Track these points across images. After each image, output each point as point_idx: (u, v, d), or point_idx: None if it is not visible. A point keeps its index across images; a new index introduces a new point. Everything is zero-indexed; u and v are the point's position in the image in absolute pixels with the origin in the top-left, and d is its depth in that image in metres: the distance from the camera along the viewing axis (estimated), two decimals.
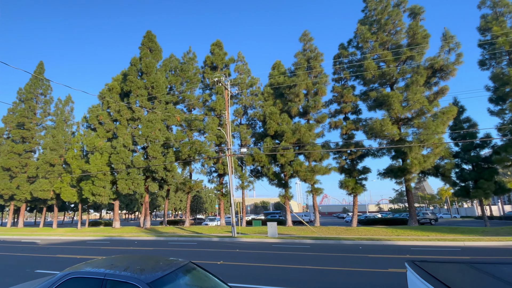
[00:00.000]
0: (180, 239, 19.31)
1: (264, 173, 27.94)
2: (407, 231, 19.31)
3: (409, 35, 21.99)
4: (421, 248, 13.01)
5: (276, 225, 19.24)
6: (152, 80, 30.27)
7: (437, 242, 14.78)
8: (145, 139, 28.95)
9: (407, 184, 22.03)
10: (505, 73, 19.84)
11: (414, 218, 22.27)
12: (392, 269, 8.30)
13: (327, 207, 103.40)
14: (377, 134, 21.67)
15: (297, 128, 24.56)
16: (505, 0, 20.74)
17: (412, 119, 21.65)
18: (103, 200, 29.78)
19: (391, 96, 21.02)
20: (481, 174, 21.31)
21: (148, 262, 3.45)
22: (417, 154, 20.74)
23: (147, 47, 31.90)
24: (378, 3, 23.36)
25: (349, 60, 24.81)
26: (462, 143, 22.63)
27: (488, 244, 14.26)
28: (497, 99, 20.66)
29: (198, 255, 11.91)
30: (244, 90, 29.85)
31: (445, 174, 21.83)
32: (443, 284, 1.87)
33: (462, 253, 11.51)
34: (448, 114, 20.09)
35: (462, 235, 17.30)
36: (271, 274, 8.08)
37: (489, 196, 21.41)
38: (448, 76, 21.06)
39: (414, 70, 21.22)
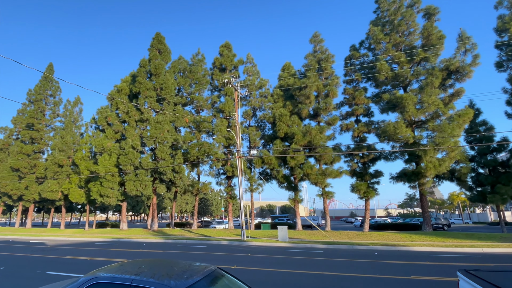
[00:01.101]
0: (189, 242, 19.18)
1: (273, 176, 27.74)
2: (422, 236, 18.92)
3: (424, 36, 21.69)
4: (440, 255, 12.63)
5: (287, 229, 19.10)
6: (161, 81, 30.43)
7: (455, 249, 14.38)
8: (154, 141, 29.02)
9: (421, 189, 21.60)
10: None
11: (429, 224, 21.78)
12: (415, 276, 7.98)
13: (334, 211, 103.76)
14: (390, 137, 21.33)
15: (308, 130, 24.35)
16: None
17: (427, 122, 21.27)
18: (111, 201, 29.88)
19: (405, 98, 20.69)
20: (498, 179, 20.79)
21: (175, 267, 3.29)
22: (432, 158, 20.34)
23: (156, 48, 32.11)
24: (391, 4, 23.14)
25: (361, 62, 24.57)
26: (478, 147, 22.16)
27: (509, 251, 13.77)
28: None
29: (210, 259, 11.74)
30: (253, 92, 29.78)
31: (461, 178, 21.35)
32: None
33: (483, 260, 11.15)
34: (464, 117, 19.70)
35: (480, 241, 16.92)
36: (287, 280, 7.88)
37: (506, 201, 20.82)
38: (464, 78, 20.68)
39: (428, 71, 20.89)
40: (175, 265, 3.41)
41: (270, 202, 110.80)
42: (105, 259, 11.54)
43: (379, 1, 24.12)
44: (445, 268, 9.28)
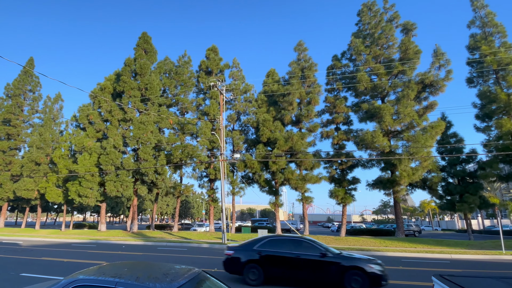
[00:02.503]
0: (169, 244, 19.14)
1: (255, 180, 28.17)
2: (395, 242, 19.69)
3: (401, 50, 22.89)
4: (412, 260, 13.30)
5: (267, 232, 19.52)
6: (146, 81, 30.38)
7: (426, 254, 15.16)
8: (137, 141, 28.88)
9: (395, 196, 22.63)
10: (492, 91, 20.82)
11: (402, 230, 22.84)
12: (389, 281, 8.37)
13: (312, 216, 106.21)
14: (367, 145, 22.27)
15: (290, 136, 25.00)
16: (494, 21, 21.87)
17: (402, 132, 22.38)
18: (90, 202, 29.42)
19: (383, 109, 21.71)
20: (466, 189, 22.13)
21: (157, 270, 3.22)
22: (406, 167, 21.37)
23: (142, 48, 32.05)
24: (372, 17, 24.30)
25: (342, 72, 25.56)
26: (449, 158, 23.50)
27: (475, 257, 14.70)
28: (483, 116, 21.62)
29: (190, 262, 11.84)
30: (238, 96, 30.24)
31: (432, 187, 22.57)
32: None
33: (452, 266, 11.87)
34: (437, 128, 20.87)
35: (448, 247, 17.77)
36: (268, 283, 8.05)
37: (473, 210, 22.18)
38: (437, 92, 21.95)
39: (405, 84, 22.03)
40: (157, 267, 3.36)
41: (251, 206, 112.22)
42: (83, 261, 11.47)
43: (361, 14, 25.28)
44: (417, 273, 9.84)
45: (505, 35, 21.30)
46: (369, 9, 24.80)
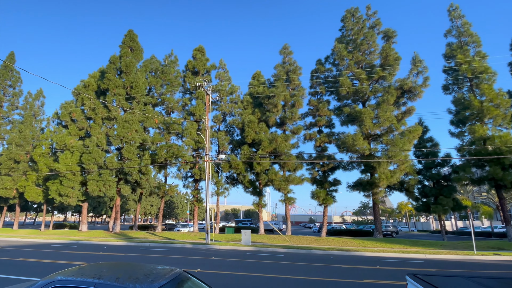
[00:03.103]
0: (152, 245, 19.29)
1: (240, 181, 28.73)
2: (373, 242, 20.60)
3: (382, 56, 23.96)
4: (389, 260, 13.93)
5: (250, 233, 19.86)
6: (132, 79, 30.43)
7: (402, 254, 15.96)
8: (121, 140, 28.93)
9: (374, 198, 23.66)
10: (466, 98, 22.09)
11: (380, 231, 23.90)
12: (367, 280, 8.78)
13: (295, 217, 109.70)
14: (348, 148, 23.21)
15: (274, 137, 25.72)
16: (470, 31, 23.20)
17: (382, 136, 23.43)
18: (71, 201, 29.29)
19: (363, 113, 22.67)
20: (441, 191, 23.37)
21: (139, 270, 3.20)
22: (385, 169, 22.40)
23: (128, 46, 32.10)
24: (355, 24, 25.32)
25: (326, 76, 26.49)
26: (425, 161, 24.75)
27: (448, 257, 15.48)
28: (457, 122, 22.89)
29: (174, 262, 11.91)
30: (224, 97, 30.73)
31: (409, 189, 23.73)
32: None
33: (426, 266, 12.49)
34: (414, 133, 21.98)
35: (423, 248, 18.66)
36: (249, 283, 8.25)
37: (447, 212, 23.43)
38: (415, 98, 23.12)
39: (385, 89, 23.08)
40: (139, 268, 3.34)
41: (235, 206, 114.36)
42: (63, 262, 11.37)
43: (344, 20, 26.28)
44: (394, 272, 10.25)
45: (480, 44, 22.66)
46: (352, 16, 25.84)
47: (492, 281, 2.71)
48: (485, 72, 21.67)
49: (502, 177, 20.47)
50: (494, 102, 21.21)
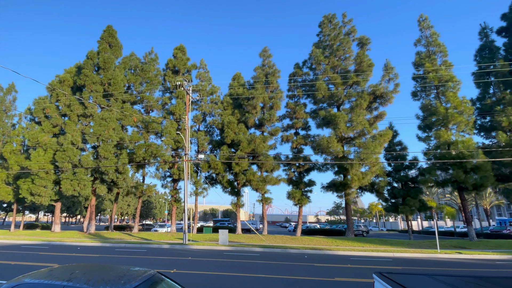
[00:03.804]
0: (128, 245, 19.35)
1: (218, 181, 29.60)
2: (345, 241, 21.84)
3: (357, 62, 25.63)
4: (359, 258, 14.74)
5: (227, 232, 20.48)
6: (110, 76, 30.65)
7: (372, 253, 16.90)
8: (97, 138, 29.06)
9: (347, 198, 25.28)
10: (433, 105, 24.05)
11: (351, 230, 25.57)
12: (338, 278, 9.32)
13: (271, 216, 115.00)
14: (323, 150, 24.69)
15: (253, 138, 26.88)
16: (438, 41, 25.23)
17: (355, 139, 25.07)
18: (43, 201, 29.21)
19: (338, 116, 24.20)
20: (408, 192, 25.27)
21: (111, 272, 3.19)
22: (357, 171, 23.98)
23: (106, 41, 32.26)
24: (332, 29, 26.91)
25: (303, 80, 27.93)
26: (394, 164, 26.63)
27: (414, 255, 16.46)
28: (424, 127, 24.84)
29: (150, 263, 12.07)
30: (204, 97, 31.55)
31: (379, 190, 25.52)
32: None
33: (394, 263, 13.19)
34: (385, 136, 23.71)
35: (392, 246, 19.88)
36: (225, 283, 8.51)
37: (414, 212, 25.39)
38: (386, 103, 24.93)
39: (358, 94, 24.72)
40: (111, 270, 3.32)
41: (213, 206, 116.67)
42: (33, 264, 11.25)
43: (322, 26, 27.82)
44: (363, 271, 10.80)
45: (446, 54, 24.72)
46: (329, 22, 27.39)
47: (452, 278, 2.90)
48: (450, 80, 23.71)
49: (464, 180, 22.47)
50: (458, 109, 23.25)
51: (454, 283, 2.75)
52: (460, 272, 11.51)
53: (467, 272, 11.60)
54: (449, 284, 2.70)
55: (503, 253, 16.86)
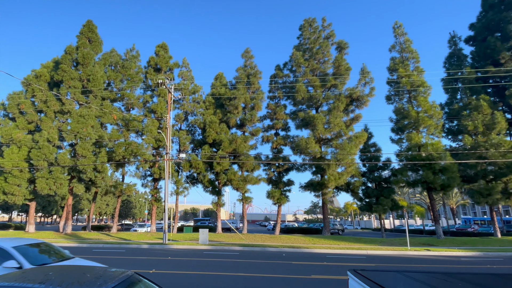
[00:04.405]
0: (106, 246, 19.43)
1: (199, 180, 30.43)
2: (322, 240, 23.02)
3: (335, 66, 27.21)
4: (335, 256, 15.47)
5: (208, 232, 21.03)
6: (89, 72, 30.71)
7: (347, 251, 17.83)
8: (75, 136, 29.08)
9: (323, 198, 26.79)
10: (405, 109, 25.94)
11: (328, 228, 27.14)
12: (315, 275, 9.72)
13: (251, 215, 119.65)
14: (302, 151, 26.07)
15: (234, 138, 27.93)
16: (411, 47, 27.17)
17: (332, 140, 26.64)
18: (17, 200, 29.00)
19: (316, 118, 25.63)
20: (381, 192, 27.03)
21: (87, 274, 3.14)
22: (334, 171, 25.53)
23: (86, 37, 32.28)
24: (312, 33, 28.40)
25: (283, 81, 29.32)
26: (369, 165, 28.39)
27: (386, 253, 17.46)
28: (397, 130, 26.76)
29: (128, 263, 12.19)
30: (186, 96, 32.22)
31: (354, 190, 27.23)
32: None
33: (367, 261, 13.91)
34: (360, 138, 25.35)
35: (366, 244, 21.05)
36: (204, 282, 8.71)
37: (386, 211, 27.25)
38: (362, 106, 26.63)
39: (336, 97, 26.27)
40: (88, 271, 3.29)
41: (195, 206, 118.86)
42: None
43: (302, 29, 29.28)
44: (339, 268, 11.31)
45: (418, 60, 26.71)
46: (309, 25, 28.86)
47: (420, 275, 3.10)
48: (421, 85, 25.66)
49: (433, 180, 24.43)
50: (428, 113, 25.22)
51: (422, 279, 2.94)
52: (428, 268, 12.22)
53: (435, 268, 12.31)
54: (418, 280, 2.88)
55: (467, 250, 18.36)
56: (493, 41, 26.49)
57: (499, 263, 13.76)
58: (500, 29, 27.27)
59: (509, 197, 25.07)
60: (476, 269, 12.20)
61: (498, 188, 24.06)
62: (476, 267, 12.56)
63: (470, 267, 12.65)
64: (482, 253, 17.29)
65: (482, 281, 2.92)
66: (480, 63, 27.62)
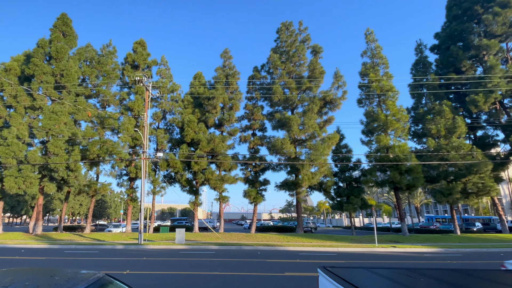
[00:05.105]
0: (79, 247, 19.30)
1: (177, 179, 31.08)
2: (295, 237, 24.36)
3: (310, 69, 28.93)
4: (308, 254, 16.20)
5: (184, 231, 21.48)
6: (63, 67, 30.47)
7: (319, 248, 18.68)
8: (46, 133, 28.78)
9: (297, 197, 28.43)
10: (375, 112, 28.00)
11: (301, 227, 28.85)
12: (288, 273, 10.23)
13: (228, 214, 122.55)
14: (278, 151, 27.53)
15: (212, 138, 28.92)
16: (381, 53, 29.31)
17: (306, 141, 28.32)
18: None
19: (292, 119, 27.16)
20: (352, 192, 29.05)
21: (56, 276, 3.07)
22: (308, 171, 27.17)
23: (60, 30, 31.98)
24: (289, 36, 29.99)
25: (261, 83, 30.75)
26: (341, 165, 30.37)
27: (356, 250, 18.44)
28: (367, 132, 28.82)
29: (101, 265, 12.16)
30: (164, 95, 32.77)
31: (326, 189, 29.09)
32: (354, 287, 2.40)
33: (338, 258, 14.54)
34: (333, 140, 27.15)
35: (336, 242, 22.29)
36: (179, 282, 8.82)
37: (356, 209, 29.33)
38: (335, 108, 28.55)
39: (311, 99, 27.96)
40: (56, 273, 3.22)
41: (172, 205, 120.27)
42: None
43: (279, 32, 30.84)
44: (311, 265, 11.83)
45: (388, 66, 28.92)
46: (286, 28, 30.43)
47: (385, 271, 3.25)
48: (390, 90, 27.82)
49: (399, 181, 26.58)
50: (396, 116, 27.39)
51: (387, 275, 3.07)
52: (394, 264, 12.97)
53: (399, 264, 13.02)
54: (383, 276, 3.03)
55: (430, 246, 19.68)
56: (455, 50, 29.16)
57: (458, 258, 14.81)
58: (462, 39, 30.04)
59: (468, 197, 27.67)
60: (437, 264, 13.00)
61: (458, 188, 26.52)
62: (438, 263, 13.37)
63: (432, 262, 13.44)
64: (443, 249, 18.54)
65: (442, 276, 3.13)
66: (443, 70, 30.34)
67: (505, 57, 29.25)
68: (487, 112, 28.91)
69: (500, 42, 28.46)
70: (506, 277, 3.24)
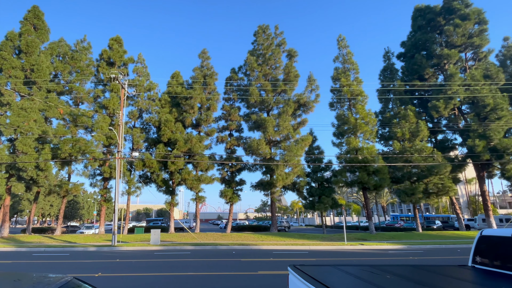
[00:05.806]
0: (49, 249, 19.06)
1: (153, 180, 31.44)
2: (269, 236, 25.34)
3: (285, 72, 30.64)
4: (281, 252, 16.71)
5: (160, 232, 21.72)
6: (33, 62, 29.97)
7: (292, 247, 19.41)
8: (14, 130, 28.19)
9: (272, 196, 29.99)
10: (345, 115, 30.12)
11: (275, 226, 30.46)
12: (261, 271, 10.58)
13: (205, 214, 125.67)
14: (253, 152, 28.89)
15: (189, 138, 29.70)
16: (352, 59, 31.51)
17: (281, 142, 29.94)
18: None
19: (267, 121, 28.62)
20: (323, 192, 31.04)
21: (18, 280, 3.03)
22: (282, 172, 28.74)
23: (31, 23, 31.44)
24: (265, 39, 31.55)
25: (238, 84, 32.07)
26: (313, 166, 32.33)
27: (326, 248, 19.34)
28: (338, 134, 30.91)
29: (71, 268, 12.00)
30: (141, 93, 33.02)
31: (299, 189, 30.92)
32: (321, 284, 2.58)
33: (309, 256, 15.09)
34: (306, 141, 28.92)
35: (308, 240, 23.05)
36: (153, 283, 8.85)
37: (327, 209, 31.36)
38: (308, 111, 30.44)
39: (285, 102, 29.60)
40: (21, 278, 3.18)
41: (148, 206, 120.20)
42: None
43: (256, 35, 32.33)
44: (283, 263, 12.10)
45: (358, 71, 31.16)
46: (263, 32, 31.96)
47: (352, 268, 3.50)
48: (360, 95, 30.03)
49: (367, 181, 28.73)
50: (365, 120, 29.62)
51: (352, 271, 3.31)
52: (360, 261, 13.74)
53: (365, 261, 13.74)
54: (349, 273, 3.23)
55: (394, 243, 21.21)
56: (419, 59, 31.92)
57: (419, 255, 15.91)
58: (426, 48, 32.89)
59: (429, 196, 30.41)
60: (400, 260, 13.82)
61: (420, 188, 29.07)
62: (401, 259, 14.18)
63: (395, 259, 14.28)
64: (406, 246, 19.91)
65: (403, 272, 3.40)
66: (409, 77, 33.08)
67: (464, 66, 32.35)
68: (447, 117, 31.85)
69: (459, 52, 31.43)
70: (460, 272, 3.54)
